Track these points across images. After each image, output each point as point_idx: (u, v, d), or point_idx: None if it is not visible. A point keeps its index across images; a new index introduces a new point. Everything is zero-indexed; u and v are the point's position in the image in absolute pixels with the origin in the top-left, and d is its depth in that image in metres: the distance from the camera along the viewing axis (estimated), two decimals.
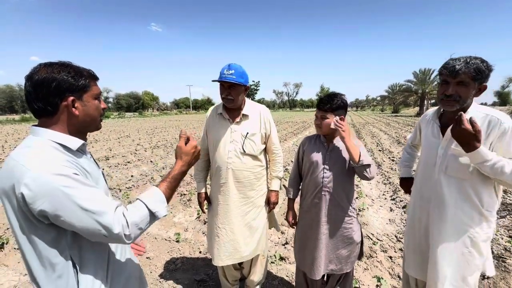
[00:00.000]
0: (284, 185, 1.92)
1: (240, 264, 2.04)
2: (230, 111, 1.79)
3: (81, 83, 0.86)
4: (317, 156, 1.65)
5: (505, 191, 4.40)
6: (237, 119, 1.76)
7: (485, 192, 1.35)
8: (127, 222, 0.80)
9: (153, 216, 0.87)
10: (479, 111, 1.34)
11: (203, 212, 2.10)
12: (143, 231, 0.85)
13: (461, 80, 1.28)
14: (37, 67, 0.83)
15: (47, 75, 0.81)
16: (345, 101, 1.58)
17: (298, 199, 1.84)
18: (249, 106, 1.81)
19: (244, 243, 1.80)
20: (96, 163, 1.01)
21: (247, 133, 1.73)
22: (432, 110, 1.60)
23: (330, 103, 1.55)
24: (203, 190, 1.94)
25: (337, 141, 1.64)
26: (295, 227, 1.88)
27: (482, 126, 1.29)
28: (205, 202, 1.95)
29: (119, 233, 0.78)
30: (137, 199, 0.88)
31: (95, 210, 0.76)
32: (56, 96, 0.82)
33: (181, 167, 1.00)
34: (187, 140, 1.05)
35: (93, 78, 0.92)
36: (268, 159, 1.95)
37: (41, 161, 0.76)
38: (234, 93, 1.66)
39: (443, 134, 1.45)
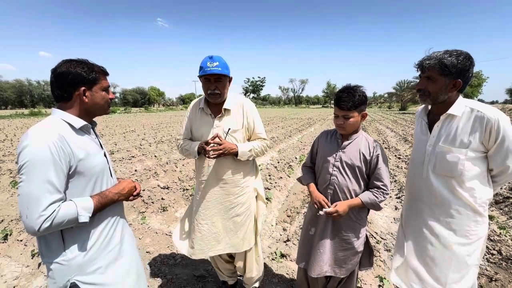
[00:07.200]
0: (298, 179, 1.82)
1: (230, 256, 2.01)
2: (212, 105, 1.73)
3: (91, 76, 1.05)
4: (329, 153, 1.58)
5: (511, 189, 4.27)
6: (219, 114, 1.71)
7: (478, 187, 1.29)
8: (53, 220, 0.90)
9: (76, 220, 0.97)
10: (466, 105, 1.27)
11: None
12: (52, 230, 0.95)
13: (428, 76, 1.27)
14: (60, 63, 1.04)
15: (65, 69, 1.01)
16: (365, 93, 1.43)
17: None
18: (231, 100, 1.74)
19: (227, 236, 1.78)
20: (101, 144, 1.17)
21: (229, 129, 1.67)
22: (422, 106, 1.52)
23: (352, 101, 1.40)
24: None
25: (351, 140, 1.52)
26: (329, 206, 1.51)
27: (467, 121, 1.25)
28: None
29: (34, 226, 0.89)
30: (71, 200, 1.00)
31: (34, 197, 0.89)
32: (71, 86, 1.03)
33: (115, 195, 1.11)
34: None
35: (104, 73, 1.12)
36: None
37: (37, 135, 0.93)
38: (221, 86, 1.61)
39: (431, 131, 1.38)
